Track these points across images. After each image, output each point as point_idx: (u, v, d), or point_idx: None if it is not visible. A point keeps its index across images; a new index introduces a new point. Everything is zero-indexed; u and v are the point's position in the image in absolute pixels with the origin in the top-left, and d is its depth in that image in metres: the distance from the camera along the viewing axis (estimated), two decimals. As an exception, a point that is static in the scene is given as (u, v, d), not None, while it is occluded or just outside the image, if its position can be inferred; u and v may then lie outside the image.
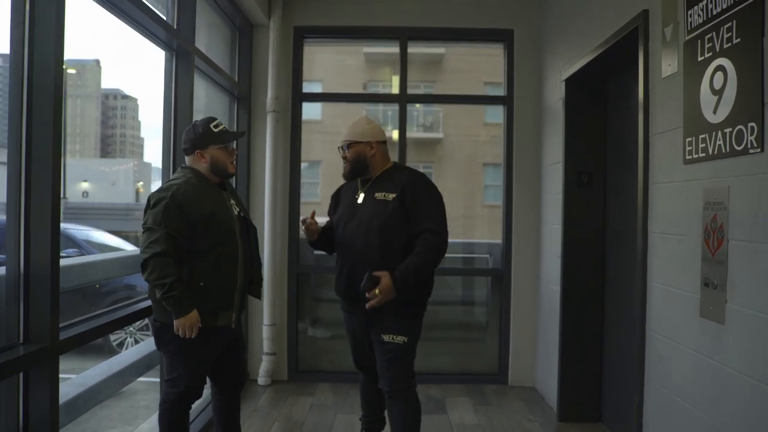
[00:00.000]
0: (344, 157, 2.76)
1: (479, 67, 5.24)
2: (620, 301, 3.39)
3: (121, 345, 5.72)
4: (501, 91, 4.62)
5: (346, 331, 2.91)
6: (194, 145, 2.53)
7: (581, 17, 3.52)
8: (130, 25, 2.71)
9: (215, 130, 2.53)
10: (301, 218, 2.80)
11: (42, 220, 1.88)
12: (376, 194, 2.70)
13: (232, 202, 2.61)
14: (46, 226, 1.88)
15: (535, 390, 4.38)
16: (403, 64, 4.54)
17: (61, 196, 1.98)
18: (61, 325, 2.01)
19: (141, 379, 3.57)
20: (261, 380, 4.40)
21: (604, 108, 3.67)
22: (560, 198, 3.78)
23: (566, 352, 3.71)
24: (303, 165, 4.71)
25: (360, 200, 2.75)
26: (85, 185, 43.16)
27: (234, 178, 4.38)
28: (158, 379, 3.16)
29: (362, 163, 2.73)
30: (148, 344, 3.25)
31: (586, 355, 3.68)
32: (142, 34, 2.84)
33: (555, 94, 4.00)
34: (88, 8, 2.41)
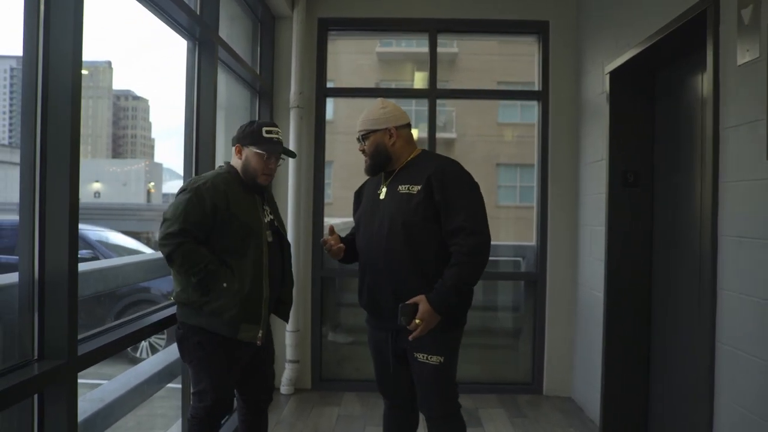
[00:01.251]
0: (362, 151, 2.36)
1: (492, 66, 5.09)
2: (673, 309, 3.16)
3: (135, 349, 5.55)
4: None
5: (370, 349, 2.46)
6: (239, 138, 2.36)
7: (629, 5, 3.29)
8: (151, 11, 2.52)
9: (265, 135, 2.32)
10: (321, 240, 2.44)
11: (59, 220, 1.68)
12: (400, 187, 2.26)
13: (266, 208, 2.41)
14: (63, 228, 1.69)
15: (572, 400, 4.14)
16: (433, 57, 4.33)
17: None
18: (79, 337, 1.82)
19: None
20: (284, 389, 4.20)
21: (651, 102, 3.43)
22: (603, 198, 3.55)
23: (611, 361, 3.47)
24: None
25: (382, 195, 2.32)
26: (96, 186, 43.35)
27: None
28: (178, 386, 2.97)
29: (383, 154, 2.31)
30: (168, 353, 3.05)
31: (633, 366, 3.44)
32: (163, 20, 2.64)
33: (596, 88, 3.76)
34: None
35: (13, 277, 1.70)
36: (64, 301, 1.69)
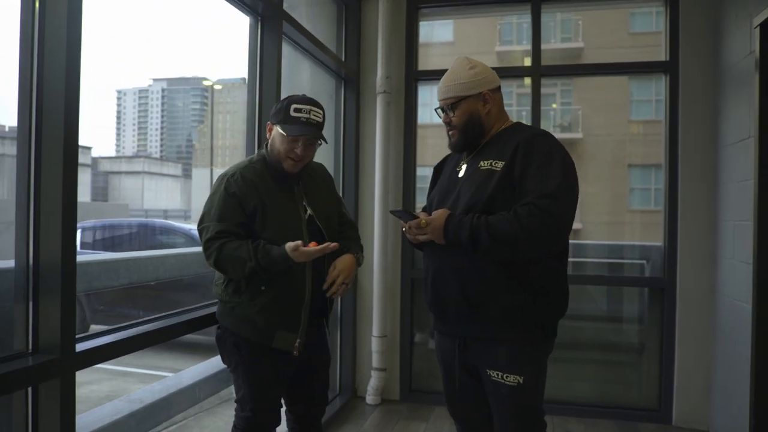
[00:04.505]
0: (448, 123, 1.91)
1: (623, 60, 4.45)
2: None
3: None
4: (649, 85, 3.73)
5: (438, 360, 2.04)
6: (271, 113, 2.04)
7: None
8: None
9: (293, 114, 1.94)
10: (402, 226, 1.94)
11: (53, 212, 1.48)
12: (481, 163, 1.81)
13: (305, 202, 2.03)
14: (57, 212, 1.47)
15: (710, 435, 3.41)
16: (536, 30, 3.80)
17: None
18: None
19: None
20: (369, 398, 3.87)
21: (817, 61, 2.69)
22: (751, 186, 2.84)
23: (763, 388, 2.75)
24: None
25: (461, 172, 1.89)
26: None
27: (343, 166, 3.93)
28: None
29: (477, 125, 1.87)
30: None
31: (793, 398, 2.71)
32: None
33: (741, 48, 3.05)
34: None
35: (9, 263, 1.51)
36: (57, 293, 1.47)
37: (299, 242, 1.82)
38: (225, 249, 1.85)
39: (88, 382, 5.34)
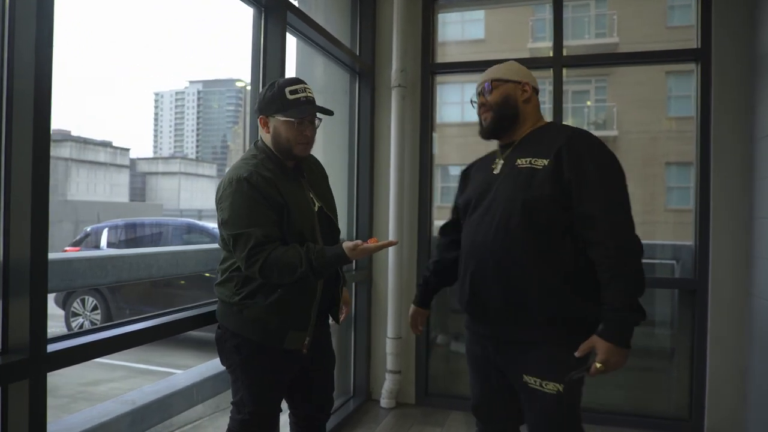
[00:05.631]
0: (483, 104, 1.88)
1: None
2: None
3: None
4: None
5: (468, 358, 1.98)
6: (260, 107, 1.92)
7: None
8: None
9: (290, 97, 1.86)
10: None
11: (21, 201, 1.41)
12: (519, 161, 1.77)
13: (311, 194, 1.96)
14: (26, 208, 1.41)
15: (745, 446, 3.19)
16: (557, 21, 3.63)
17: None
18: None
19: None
20: (384, 402, 3.76)
21: None
22: (788, 179, 2.64)
23: (800, 401, 2.55)
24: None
25: (497, 170, 1.84)
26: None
27: (357, 163, 3.83)
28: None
29: (511, 109, 1.84)
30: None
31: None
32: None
33: (777, 34, 2.84)
34: None
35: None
36: (25, 291, 1.40)
37: (358, 241, 1.77)
38: (273, 255, 1.75)
39: (110, 380, 5.37)
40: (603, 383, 3.71)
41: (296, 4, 3.65)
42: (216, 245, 2.18)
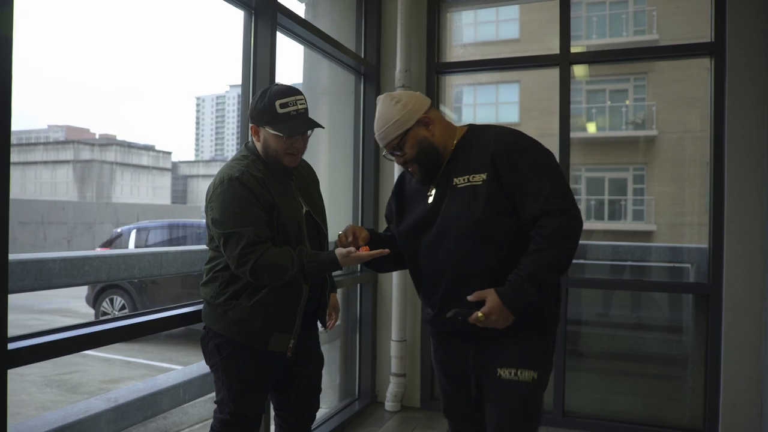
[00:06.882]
0: (404, 162, 1.84)
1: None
2: None
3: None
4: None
5: (437, 367, 1.96)
6: (252, 116, 1.91)
7: None
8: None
9: (280, 111, 1.83)
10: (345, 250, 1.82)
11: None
12: (456, 180, 1.76)
13: (300, 198, 1.96)
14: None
15: (761, 459, 3.04)
16: (564, 17, 3.54)
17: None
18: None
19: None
20: (388, 405, 3.73)
21: None
22: (799, 178, 2.50)
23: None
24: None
25: (432, 198, 1.81)
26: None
27: (362, 163, 3.81)
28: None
29: (431, 151, 1.80)
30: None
31: None
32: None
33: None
34: None
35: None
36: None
37: (351, 248, 1.78)
38: (265, 256, 1.76)
39: (130, 378, 5.50)
40: (614, 391, 3.60)
41: (301, 6, 3.70)
42: (203, 246, 2.19)
